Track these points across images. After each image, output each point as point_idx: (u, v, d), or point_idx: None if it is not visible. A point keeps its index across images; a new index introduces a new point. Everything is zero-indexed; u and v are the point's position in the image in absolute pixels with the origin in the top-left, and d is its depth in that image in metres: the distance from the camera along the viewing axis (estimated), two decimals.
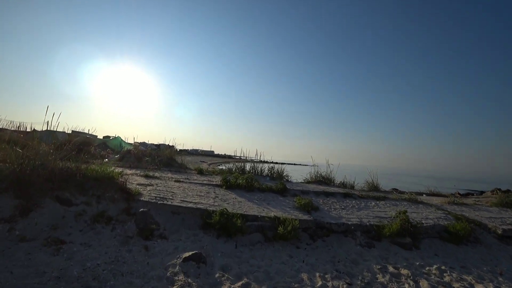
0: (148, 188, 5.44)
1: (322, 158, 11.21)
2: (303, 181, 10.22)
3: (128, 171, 7.48)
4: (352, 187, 9.89)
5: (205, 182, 7.17)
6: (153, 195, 4.87)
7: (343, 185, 10.04)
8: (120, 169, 7.20)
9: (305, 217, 5.04)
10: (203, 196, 5.49)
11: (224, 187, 6.64)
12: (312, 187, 8.62)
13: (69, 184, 4.01)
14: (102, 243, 3.20)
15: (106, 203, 4.04)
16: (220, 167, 23.10)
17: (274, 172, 9.86)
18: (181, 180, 7.04)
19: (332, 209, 5.95)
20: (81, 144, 10.40)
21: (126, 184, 4.57)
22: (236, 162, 11.21)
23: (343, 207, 6.30)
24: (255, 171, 9.75)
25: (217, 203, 5.08)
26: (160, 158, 10.39)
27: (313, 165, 10.71)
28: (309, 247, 4.35)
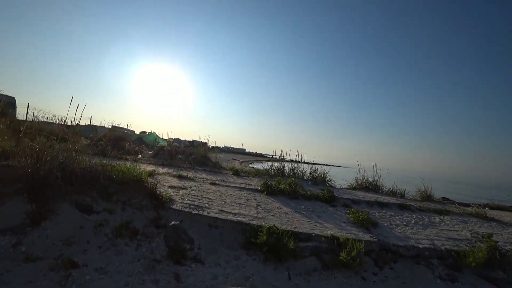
0: (181, 192, 4.72)
1: (366, 161, 10.00)
2: (348, 186, 9.12)
3: (161, 170, 6.93)
4: (403, 195, 8.65)
5: (242, 185, 6.35)
6: (186, 202, 4.12)
7: (392, 193, 8.82)
8: (152, 167, 6.68)
9: (367, 236, 4.09)
10: (243, 204, 4.65)
11: (265, 192, 5.75)
12: (361, 195, 7.50)
13: (92, 187, 3.39)
14: (123, 268, 2.47)
15: (132, 211, 3.36)
16: (252, 165, 22.42)
17: (316, 175, 8.81)
18: (217, 182, 6.29)
19: (394, 226, 4.94)
20: (116, 139, 10.22)
21: (156, 188, 3.87)
22: (269, 161, 10.38)
23: (404, 222, 5.25)
24: (295, 173, 8.77)
25: (260, 214, 4.21)
26: (193, 156, 9.84)
27: (359, 169, 9.53)
28: (378, 279, 3.46)
